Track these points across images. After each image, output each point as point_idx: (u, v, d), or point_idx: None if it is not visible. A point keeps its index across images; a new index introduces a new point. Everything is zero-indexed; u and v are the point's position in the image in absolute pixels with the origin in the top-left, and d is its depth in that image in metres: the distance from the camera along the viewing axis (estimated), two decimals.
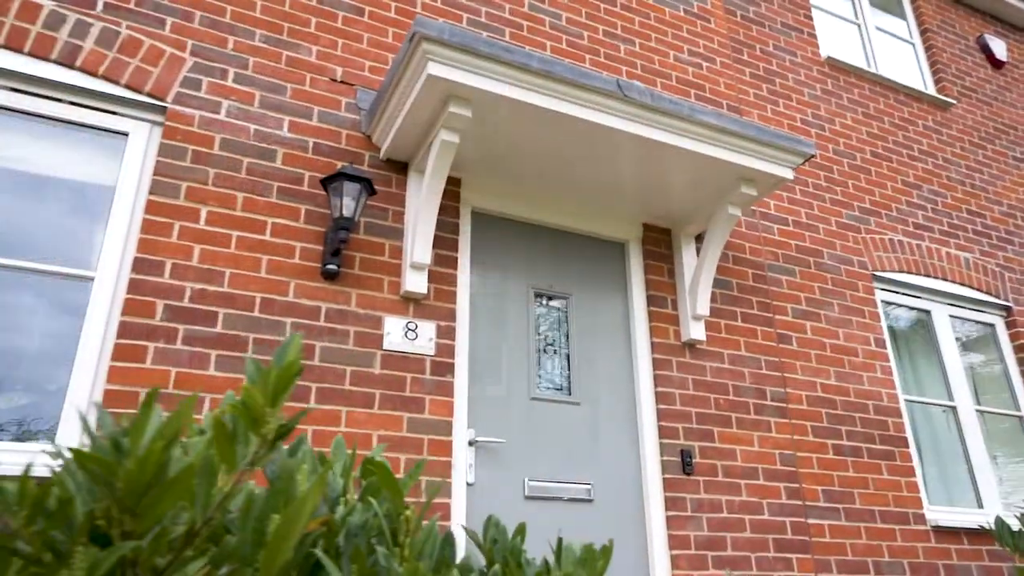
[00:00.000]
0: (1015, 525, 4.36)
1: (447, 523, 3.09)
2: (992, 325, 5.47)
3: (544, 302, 3.88)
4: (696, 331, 3.97)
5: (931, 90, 6.37)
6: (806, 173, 5.03)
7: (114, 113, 3.19)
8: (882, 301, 4.98)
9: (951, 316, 5.29)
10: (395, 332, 3.30)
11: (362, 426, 3.10)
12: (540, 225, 4.01)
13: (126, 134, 3.18)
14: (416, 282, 3.37)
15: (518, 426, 3.51)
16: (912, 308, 5.18)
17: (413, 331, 3.34)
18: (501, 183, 3.86)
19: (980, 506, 4.71)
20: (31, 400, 2.73)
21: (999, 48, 6.82)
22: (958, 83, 6.45)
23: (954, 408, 4.98)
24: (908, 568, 4.11)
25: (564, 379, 3.75)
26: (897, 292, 5.09)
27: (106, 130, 3.16)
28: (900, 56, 6.47)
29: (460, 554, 3.48)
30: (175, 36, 3.38)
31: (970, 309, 5.40)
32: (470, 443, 3.35)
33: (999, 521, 2.47)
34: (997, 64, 6.78)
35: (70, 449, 0.78)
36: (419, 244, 3.33)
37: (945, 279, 5.28)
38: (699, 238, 4.30)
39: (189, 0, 3.47)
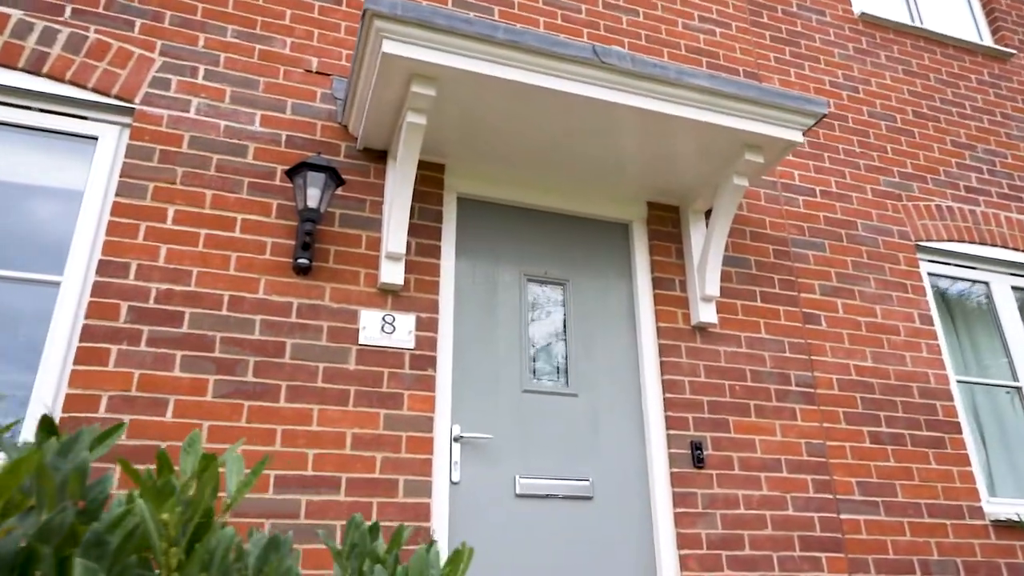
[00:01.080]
0: None
1: (426, 524, 2.94)
2: None
3: (539, 289, 3.67)
4: (706, 313, 3.68)
5: (988, 41, 5.80)
6: (836, 139, 4.64)
7: (83, 118, 3.19)
8: (929, 273, 4.54)
9: (1014, 287, 4.77)
10: (371, 326, 3.17)
11: (335, 424, 2.98)
12: (534, 209, 3.81)
13: (96, 138, 3.17)
14: (392, 273, 3.23)
15: (509, 420, 3.33)
16: (966, 280, 4.70)
17: (390, 324, 3.20)
18: (488, 167, 3.68)
19: None
20: (5, 407, 2.73)
21: None
22: (1020, 31, 5.85)
23: (1019, 389, 4.48)
24: (962, 567, 3.70)
25: (561, 369, 3.53)
26: (947, 263, 4.63)
27: (76, 135, 3.16)
28: (950, 7, 5.92)
29: (443, 556, 3.22)
30: (144, 37, 3.35)
31: None
32: (455, 439, 3.19)
33: None
34: None
35: None
36: (393, 233, 3.20)
37: (1006, 246, 4.77)
38: (709, 214, 4.00)
39: (159, 1, 3.44)
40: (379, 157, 3.52)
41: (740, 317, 3.84)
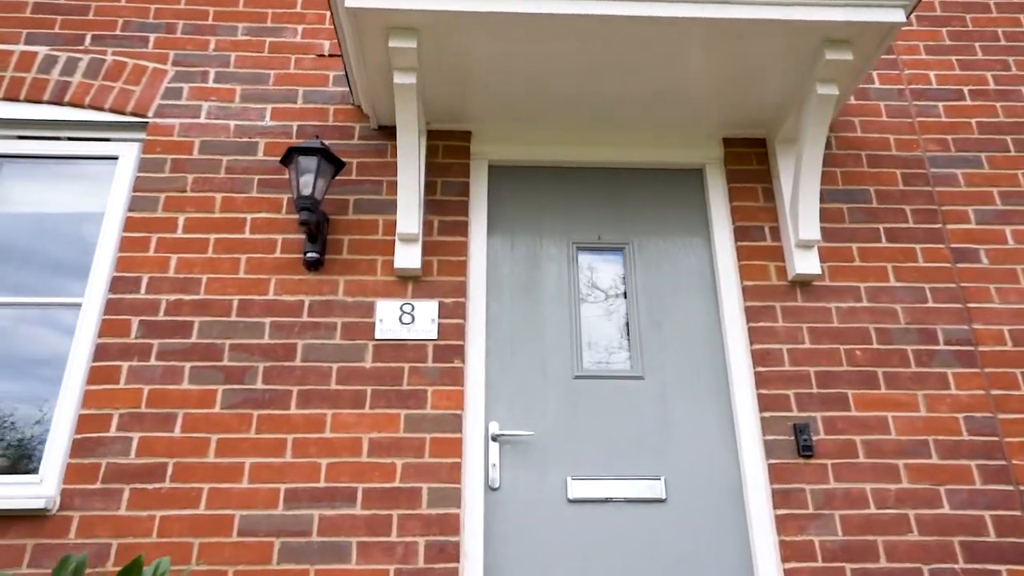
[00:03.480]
0: None
1: (454, 538, 2.54)
2: None
3: (592, 257, 3.13)
4: (806, 263, 2.93)
5: None
6: (990, 22, 3.57)
7: (106, 139, 3.20)
8: None
9: None
10: (388, 318, 2.85)
11: (350, 429, 2.69)
12: (581, 167, 3.28)
13: (116, 158, 3.17)
14: (407, 257, 2.88)
15: (557, 413, 2.84)
16: None
17: (409, 314, 2.85)
18: (522, 128, 3.22)
19: None
20: (32, 432, 2.76)
21: None
22: None
23: None
24: None
25: (622, 349, 2.97)
26: None
27: (99, 157, 3.18)
28: None
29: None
30: (157, 51, 3.32)
31: None
32: (493, 438, 2.76)
33: None
34: None
35: None
36: (404, 213, 2.85)
37: None
38: None
39: (172, 12, 3.41)
40: (395, 134, 3.20)
41: (857, 264, 3.02)
